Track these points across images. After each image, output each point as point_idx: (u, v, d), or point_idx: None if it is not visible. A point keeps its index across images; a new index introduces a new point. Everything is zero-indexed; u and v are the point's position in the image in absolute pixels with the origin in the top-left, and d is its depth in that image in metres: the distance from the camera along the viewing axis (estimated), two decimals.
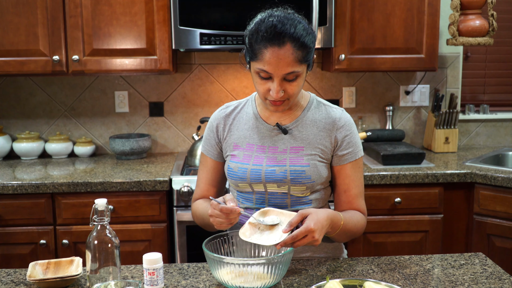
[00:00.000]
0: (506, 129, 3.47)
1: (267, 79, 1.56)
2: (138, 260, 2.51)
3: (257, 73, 1.57)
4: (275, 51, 1.50)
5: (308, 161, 1.66)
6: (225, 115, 1.77)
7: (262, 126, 1.71)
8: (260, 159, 1.68)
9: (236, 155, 1.72)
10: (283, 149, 1.68)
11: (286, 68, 1.52)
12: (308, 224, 1.44)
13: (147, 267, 1.45)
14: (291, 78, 1.55)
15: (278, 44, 1.50)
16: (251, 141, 1.72)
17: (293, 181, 1.65)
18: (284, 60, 1.51)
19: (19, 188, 2.59)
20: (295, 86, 1.57)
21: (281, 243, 1.44)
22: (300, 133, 1.69)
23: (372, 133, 3.20)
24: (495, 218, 2.69)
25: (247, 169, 1.68)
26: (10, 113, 3.25)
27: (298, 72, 1.54)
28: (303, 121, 1.70)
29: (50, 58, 2.82)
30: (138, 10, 2.81)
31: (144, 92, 3.27)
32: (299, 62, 1.53)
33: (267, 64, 1.52)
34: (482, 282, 1.49)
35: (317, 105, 1.73)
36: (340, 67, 2.94)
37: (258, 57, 1.53)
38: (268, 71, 1.53)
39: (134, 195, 2.64)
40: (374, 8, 2.90)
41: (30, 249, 2.64)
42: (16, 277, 1.57)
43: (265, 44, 1.51)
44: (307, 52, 1.54)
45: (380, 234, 2.75)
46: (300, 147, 1.67)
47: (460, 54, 3.37)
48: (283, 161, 1.66)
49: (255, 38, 1.54)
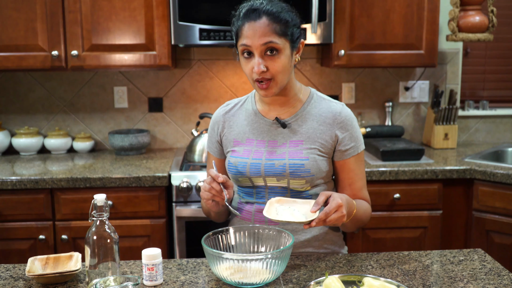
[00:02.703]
0: (505, 125, 3.47)
1: (249, 57, 1.60)
2: (137, 256, 2.51)
3: (241, 53, 1.62)
4: (251, 25, 1.57)
5: (307, 154, 1.66)
6: (225, 113, 1.80)
7: (262, 121, 1.73)
8: (259, 153, 1.70)
9: (236, 150, 1.74)
10: (282, 143, 1.69)
11: (263, 38, 1.56)
12: (337, 200, 1.49)
13: (146, 263, 1.45)
14: (271, 51, 1.57)
15: (254, 18, 1.58)
16: (251, 136, 1.73)
17: (292, 175, 1.65)
18: (260, 30, 1.56)
19: (18, 183, 2.59)
20: (278, 62, 1.59)
21: (316, 220, 1.48)
22: (300, 127, 1.69)
23: (372, 129, 3.20)
24: (494, 214, 2.70)
25: (246, 163, 1.69)
26: (9, 108, 3.24)
27: (277, 44, 1.57)
28: (303, 115, 1.70)
29: (49, 53, 2.82)
30: (137, 5, 2.81)
31: (143, 87, 3.26)
32: (277, 34, 1.57)
33: (246, 37, 1.58)
34: (481, 278, 1.49)
35: (317, 100, 1.73)
36: (340, 63, 2.94)
37: (239, 34, 1.61)
38: (247, 44, 1.58)
39: (133, 190, 2.64)
40: (373, 4, 2.90)
41: (29, 244, 2.65)
42: (15, 272, 1.57)
43: (243, 21, 1.60)
44: (285, 25, 1.58)
45: (379, 230, 2.75)
46: (300, 141, 1.68)
47: (460, 50, 3.37)
48: (282, 155, 1.67)
49: (236, 19, 1.63)
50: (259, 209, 1.71)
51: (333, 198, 1.50)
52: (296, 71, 3.29)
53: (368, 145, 3.08)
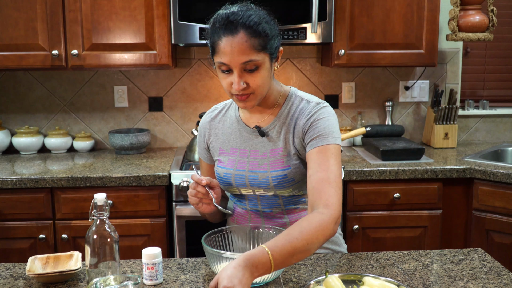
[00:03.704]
0: (505, 125, 3.47)
1: (228, 72, 1.50)
2: (137, 255, 2.51)
3: (219, 67, 1.52)
4: (228, 40, 1.46)
5: (288, 163, 1.62)
6: (210, 120, 1.77)
7: (243, 129, 1.69)
8: (243, 164, 1.66)
9: (222, 160, 1.72)
10: (263, 152, 1.65)
11: (242, 57, 1.46)
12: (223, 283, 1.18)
13: (146, 262, 1.45)
14: (251, 68, 1.48)
15: (231, 33, 1.46)
16: (234, 145, 1.70)
17: (277, 186, 1.63)
18: (238, 48, 1.45)
19: (18, 182, 2.59)
20: (258, 77, 1.50)
21: None
22: (278, 133, 1.64)
23: (372, 128, 3.20)
24: (494, 213, 2.70)
25: (231, 174, 1.67)
26: (9, 107, 3.24)
27: (257, 61, 1.48)
28: (280, 121, 1.64)
29: (49, 52, 2.82)
30: (138, 5, 2.81)
31: (143, 87, 3.26)
32: (256, 50, 1.47)
33: (223, 55, 1.47)
34: (481, 277, 1.49)
35: (294, 101, 1.65)
36: (340, 62, 2.94)
37: (216, 50, 1.50)
38: (225, 63, 1.48)
39: (133, 190, 2.64)
40: (373, 3, 2.90)
41: (29, 243, 2.65)
42: (15, 271, 1.57)
43: (220, 35, 1.48)
44: (264, 40, 1.48)
45: (379, 229, 2.75)
46: (279, 148, 1.63)
47: (460, 49, 3.37)
48: (264, 166, 1.63)
49: (212, 31, 1.51)
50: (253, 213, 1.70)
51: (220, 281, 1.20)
52: (296, 70, 3.30)
53: (368, 145, 3.08)
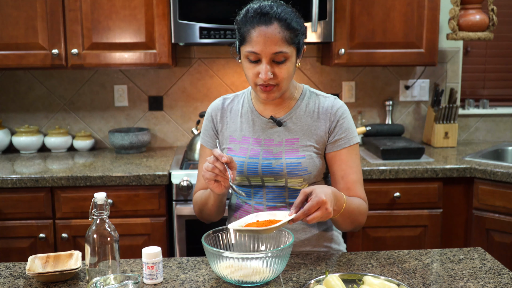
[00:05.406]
0: (505, 124, 3.47)
1: (256, 62, 1.57)
2: (137, 254, 2.52)
3: (246, 57, 1.58)
4: (262, 30, 1.52)
5: (303, 152, 1.66)
6: (222, 107, 1.78)
7: (257, 119, 1.72)
8: (256, 152, 1.69)
9: (232, 148, 1.72)
10: (278, 141, 1.68)
11: (274, 47, 1.53)
12: (319, 196, 1.41)
13: (146, 261, 1.45)
14: (280, 60, 1.55)
15: (265, 23, 1.52)
16: (246, 134, 1.72)
17: (290, 174, 1.65)
18: (271, 38, 1.52)
19: (18, 182, 2.59)
20: (285, 69, 1.57)
21: (294, 218, 1.42)
22: (295, 124, 1.69)
23: (372, 127, 3.20)
24: (494, 213, 2.70)
25: (244, 162, 1.68)
26: (9, 106, 3.24)
27: (286, 53, 1.55)
28: (297, 113, 1.70)
29: (49, 51, 2.82)
30: (138, 4, 2.81)
31: (143, 86, 3.26)
32: (287, 43, 1.54)
33: (255, 44, 1.53)
34: (481, 276, 1.49)
35: (310, 96, 1.73)
36: (340, 62, 2.94)
37: (247, 39, 1.55)
38: (256, 52, 1.53)
39: (134, 189, 2.64)
40: (374, 3, 2.90)
41: (29, 243, 2.65)
42: (15, 270, 1.57)
43: (253, 25, 1.54)
44: (295, 34, 1.56)
45: (379, 228, 2.75)
46: (295, 138, 1.68)
47: (460, 48, 3.37)
48: (278, 154, 1.67)
49: (243, 21, 1.57)
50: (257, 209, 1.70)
51: (315, 195, 1.42)
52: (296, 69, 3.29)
53: (368, 144, 3.08)
